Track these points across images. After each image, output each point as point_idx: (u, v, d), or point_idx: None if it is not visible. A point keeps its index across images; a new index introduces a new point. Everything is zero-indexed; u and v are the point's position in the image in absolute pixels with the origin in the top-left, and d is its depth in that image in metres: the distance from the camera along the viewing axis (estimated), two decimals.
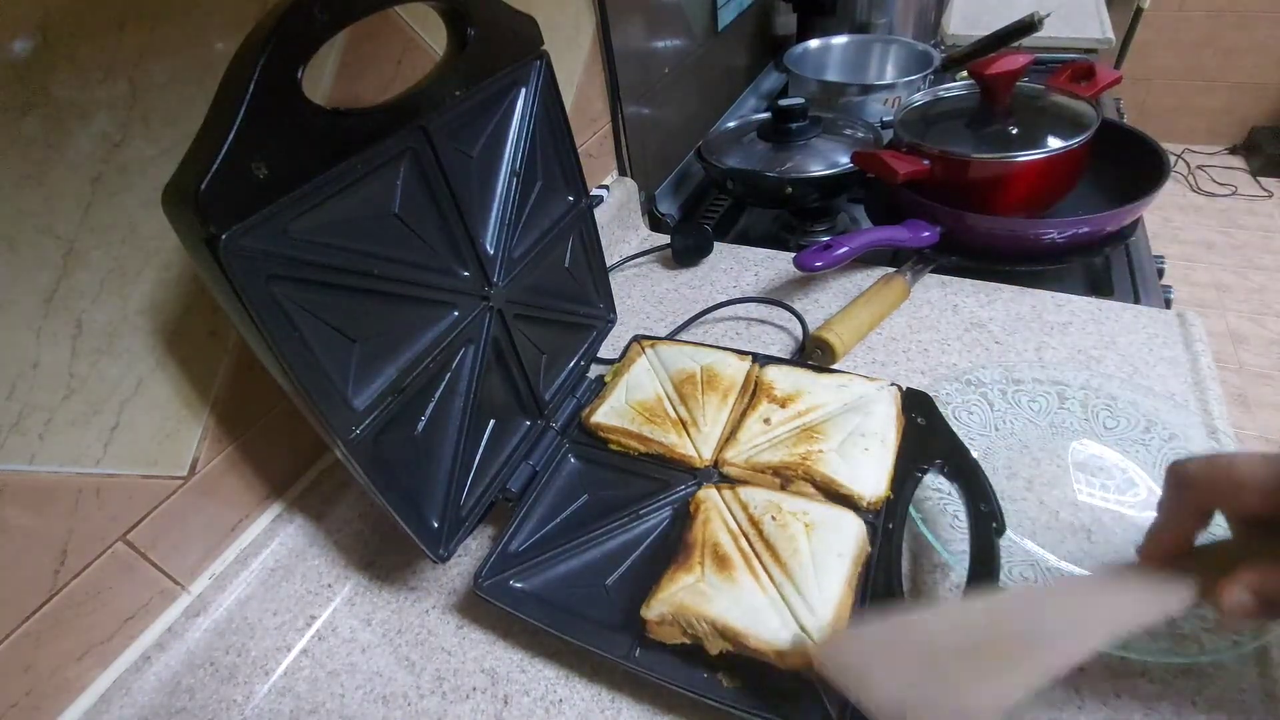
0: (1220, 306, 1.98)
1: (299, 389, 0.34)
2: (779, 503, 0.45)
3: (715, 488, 0.47)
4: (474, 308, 0.45)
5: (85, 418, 0.36)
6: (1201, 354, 0.58)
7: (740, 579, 0.40)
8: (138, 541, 0.40)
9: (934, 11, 1.21)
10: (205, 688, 0.42)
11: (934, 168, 0.70)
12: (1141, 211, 0.68)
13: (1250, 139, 2.51)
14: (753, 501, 0.45)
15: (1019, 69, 0.69)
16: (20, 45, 0.30)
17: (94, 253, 0.35)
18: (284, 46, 0.29)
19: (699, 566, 0.41)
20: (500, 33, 0.44)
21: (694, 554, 0.42)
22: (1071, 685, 0.39)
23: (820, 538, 0.42)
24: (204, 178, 0.27)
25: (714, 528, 0.44)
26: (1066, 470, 0.50)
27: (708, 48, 0.99)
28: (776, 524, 0.43)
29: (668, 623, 0.39)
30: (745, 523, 0.44)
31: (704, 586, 0.40)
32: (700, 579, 0.41)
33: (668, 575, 0.41)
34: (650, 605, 0.40)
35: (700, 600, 0.39)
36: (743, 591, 0.40)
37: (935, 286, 0.70)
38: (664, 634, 0.39)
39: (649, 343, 0.62)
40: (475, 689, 0.44)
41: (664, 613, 0.39)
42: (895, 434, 0.50)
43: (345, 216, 0.36)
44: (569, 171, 0.54)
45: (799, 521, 0.43)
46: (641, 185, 0.85)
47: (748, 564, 0.41)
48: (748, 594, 0.40)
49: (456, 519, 0.46)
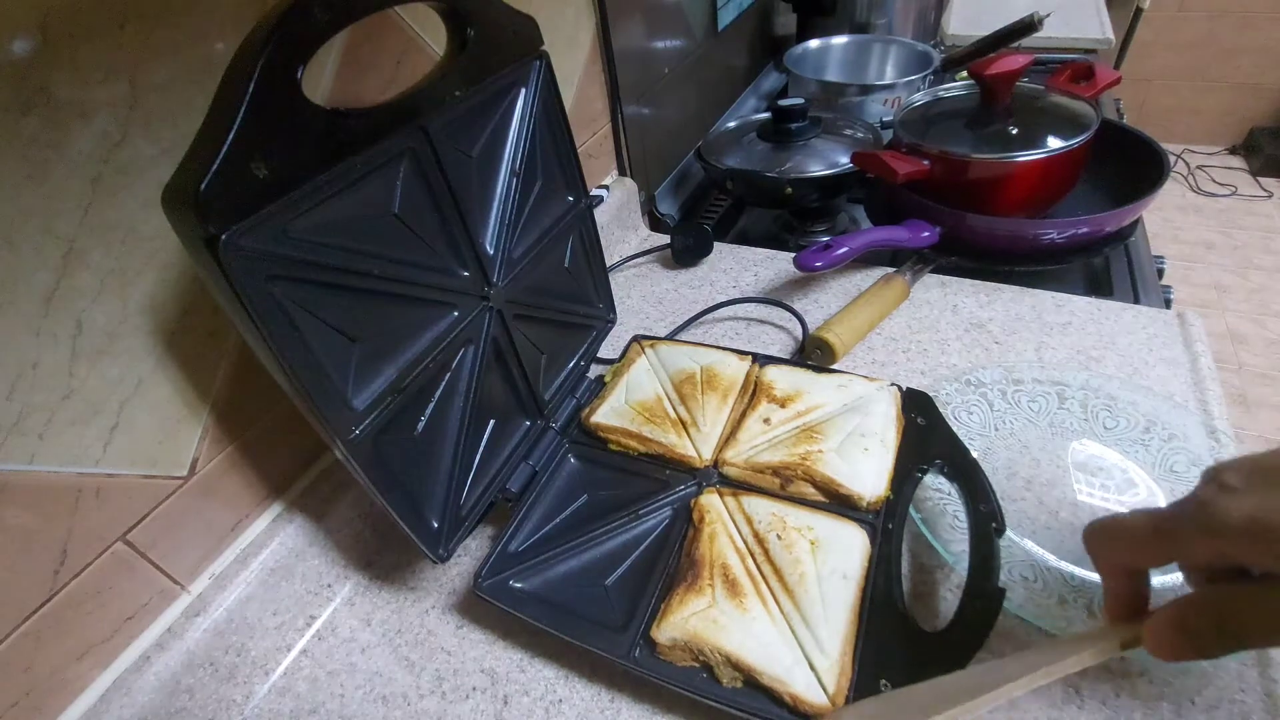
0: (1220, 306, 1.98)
1: (299, 389, 0.34)
2: (784, 517, 0.45)
3: (718, 492, 0.47)
4: (474, 308, 0.45)
5: (85, 418, 0.36)
6: (1201, 354, 0.58)
7: (751, 608, 0.40)
8: (138, 541, 0.40)
9: (934, 12, 1.21)
10: (205, 688, 0.42)
11: (934, 168, 0.70)
12: (1141, 212, 0.68)
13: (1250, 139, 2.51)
14: (757, 515, 0.45)
15: (1019, 69, 0.69)
16: (20, 45, 0.30)
17: (94, 253, 0.35)
18: (284, 46, 0.29)
19: (709, 590, 0.41)
20: (500, 33, 0.44)
21: (703, 575, 0.42)
22: (1071, 685, 0.39)
23: (825, 559, 0.42)
24: (204, 178, 0.27)
25: (721, 545, 0.44)
26: (1066, 470, 0.50)
27: (708, 48, 0.99)
28: (782, 544, 0.43)
29: (679, 648, 0.39)
30: (751, 540, 0.44)
31: (716, 614, 0.40)
32: (712, 604, 0.41)
33: (677, 596, 0.41)
34: (661, 628, 0.40)
35: (713, 630, 0.39)
36: (754, 622, 0.40)
37: (935, 286, 0.70)
38: (675, 657, 0.40)
39: (649, 343, 0.62)
40: (475, 689, 0.44)
41: (676, 638, 0.39)
42: (895, 434, 0.50)
43: (345, 216, 0.36)
44: (569, 171, 0.54)
45: (804, 539, 0.43)
46: (641, 185, 0.85)
47: (757, 590, 0.41)
48: (759, 625, 0.40)
49: (456, 519, 0.46)
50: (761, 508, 0.46)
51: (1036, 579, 0.44)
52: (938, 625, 0.38)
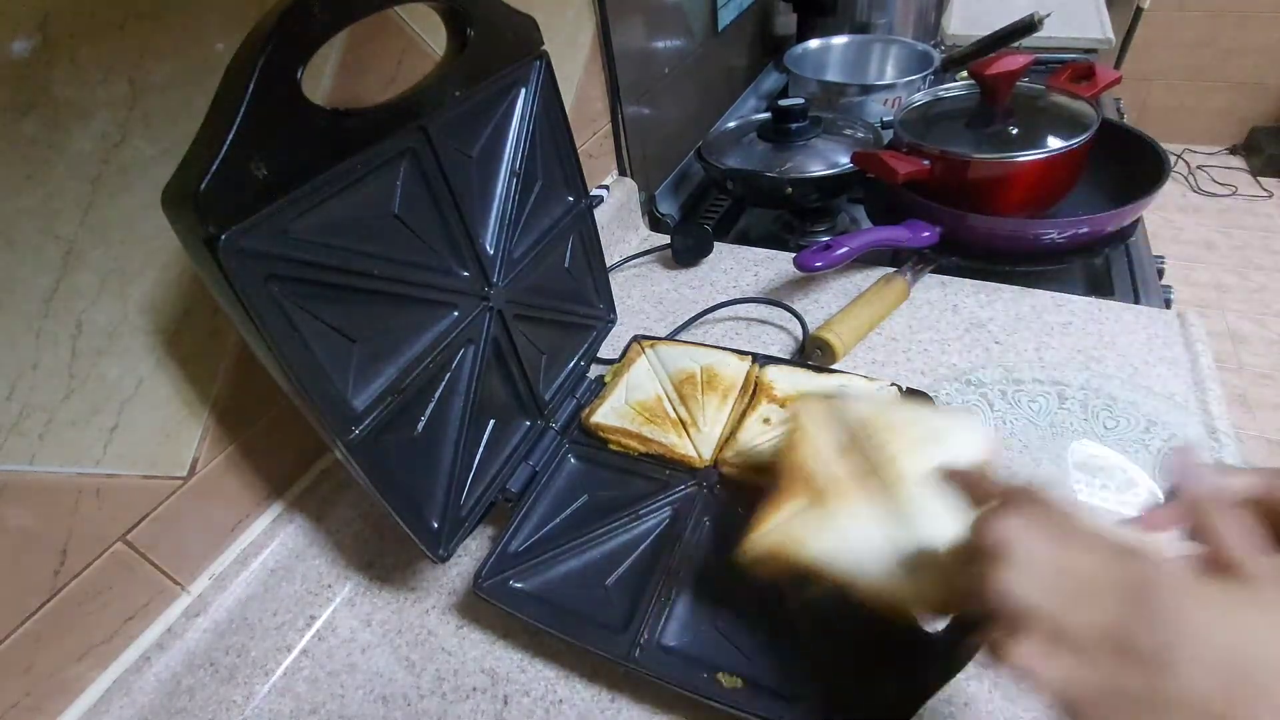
0: (1220, 306, 1.98)
1: (299, 389, 0.34)
2: (878, 417, 0.41)
3: (809, 400, 0.44)
4: (474, 308, 0.45)
5: (85, 418, 0.36)
6: (1201, 354, 0.58)
7: (842, 512, 0.37)
8: (138, 542, 0.40)
9: (934, 11, 1.21)
10: (205, 688, 0.42)
11: (934, 168, 0.69)
12: (1141, 211, 0.68)
13: (1250, 139, 2.50)
14: (849, 419, 0.41)
15: (1019, 69, 0.69)
16: (20, 45, 0.30)
17: (94, 253, 0.35)
18: (284, 46, 0.29)
19: (800, 497, 0.38)
20: (500, 33, 0.44)
21: (793, 483, 0.39)
22: None
23: (926, 457, 0.38)
24: (204, 178, 0.27)
25: (809, 452, 0.40)
26: (1066, 470, 0.50)
27: (708, 48, 0.99)
28: (875, 445, 0.39)
29: (768, 560, 0.37)
30: (845, 445, 0.40)
31: (806, 520, 0.37)
32: (802, 511, 0.38)
33: (764, 509, 0.39)
34: (749, 544, 0.38)
35: (803, 538, 0.36)
36: (848, 528, 0.36)
37: (935, 286, 0.70)
38: (763, 570, 0.37)
39: (649, 343, 0.62)
40: (475, 689, 0.44)
41: (763, 550, 0.37)
42: None
43: (345, 217, 0.36)
44: (569, 171, 0.54)
45: (903, 438, 0.39)
46: (641, 185, 0.85)
47: (848, 495, 0.38)
48: (853, 531, 0.36)
49: (456, 519, 0.45)
50: (854, 412, 0.42)
51: None
52: (937, 625, 0.38)
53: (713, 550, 0.46)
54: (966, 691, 0.40)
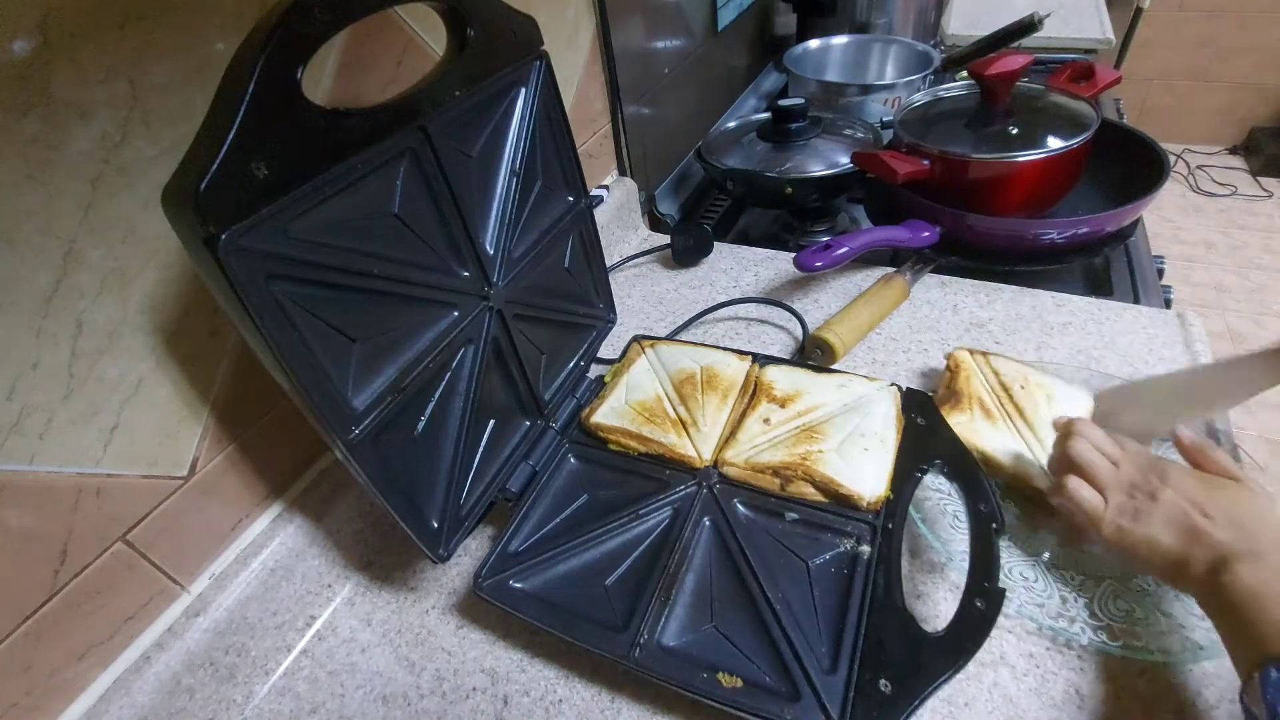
0: (1220, 306, 1.98)
1: (299, 389, 0.34)
2: (1026, 374, 0.54)
3: (969, 351, 0.56)
4: (473, 308, 0.45)
5: (85, 418, 0.36)
6: (1201, 354, 0.58)
7: (999, 425, 0.51)
8: (138, 541, 0.40)
9: (934, 11, 1.21)
10: (205, 688, 0.42)
11: (934, 168, 0.70)
12: (1141, 211, 0.68)
13: (1250, 139, 2.50)
14: (1004, 370, 0.55)
15: (1019, 69, 0.69)
16: (20, 45, 0.30)
17: (94, 253, 0.35)
18: (284, 46, 0.29)
19: (969, 410, 0.52)
20: (500, 33, 0.44)
21: (963, 401, 0.53)
22: (1072, 685, 0.39)
23: (1056, 407, 0.51)
24: (204, 178, 0.27)
25: (975, 384, 0.54)
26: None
27: (708, 48, 0.99)
28: (1025, 391, 0.53)
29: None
30: (998, 387, 0.54)
31: (976, 424, 0.51)
32: (972, 419, 0.51)
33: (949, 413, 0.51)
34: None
35: (972, 435, 0.50)
36: (1003, 435, 0.50)
37: (935, 286, 0.70)
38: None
39: (649, 343, 0.62)
40: (475, 689, 0.44)
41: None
42: (895, 434, 0.50)
43: (345, 216, 0.36)
44: (569, 171, 0.54)
45: (1043, 392, 0.53)
46: (641, 185, 0.85)
47: (1005, 415, 0.52)
48: (1007, 438, 0.50)
49: (456, 519, 0.45)
50: (1009, 366, 0.55)
51: (1037, 579, 0.44)
52: (938, 625, 0.38)
53: (713, 550, 0.46)
54: (967, 692, 0.40)
